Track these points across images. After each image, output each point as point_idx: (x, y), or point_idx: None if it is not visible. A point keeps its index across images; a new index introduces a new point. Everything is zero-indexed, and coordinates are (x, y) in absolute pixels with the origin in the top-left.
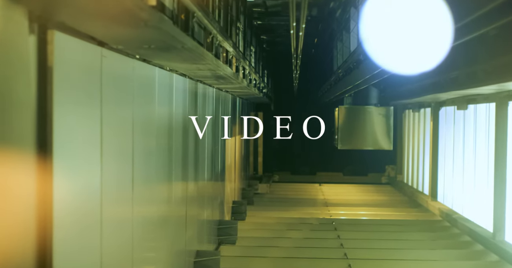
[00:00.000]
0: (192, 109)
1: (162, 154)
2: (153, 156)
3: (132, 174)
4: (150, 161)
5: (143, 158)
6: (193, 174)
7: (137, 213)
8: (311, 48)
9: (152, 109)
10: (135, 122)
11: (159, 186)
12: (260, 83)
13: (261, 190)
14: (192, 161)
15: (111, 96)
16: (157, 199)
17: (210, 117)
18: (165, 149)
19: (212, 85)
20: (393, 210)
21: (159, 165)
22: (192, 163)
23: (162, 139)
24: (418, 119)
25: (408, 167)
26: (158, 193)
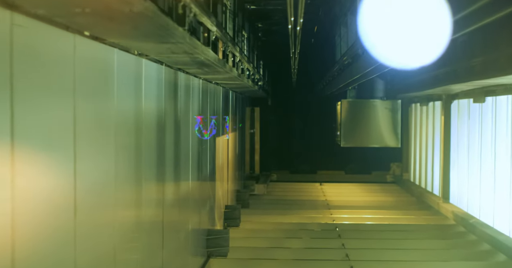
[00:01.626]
0: (170, 103)
1: (124, 154)
2: (107, 156)
3: (75, 179)
4: (104, 163)
5: (92, 160)
6: (171, 176)
7: (85, 225)
8: (310, 38)
9: (107, 102)
10: (77, 118)
11: (119, 191)
12: (255, 74)
13: (258, 191)
14: (170, 162)
15: (30, 82)
16: (118, 205)
17: (195, 112)
18: (130, 148)
19: (197, 76)
20: (401, 213)
21: (121, 167)
22: (171, 164)
23: (123, 138)
24: (426, 114)
25: (415, 165)
26: (118, 199)
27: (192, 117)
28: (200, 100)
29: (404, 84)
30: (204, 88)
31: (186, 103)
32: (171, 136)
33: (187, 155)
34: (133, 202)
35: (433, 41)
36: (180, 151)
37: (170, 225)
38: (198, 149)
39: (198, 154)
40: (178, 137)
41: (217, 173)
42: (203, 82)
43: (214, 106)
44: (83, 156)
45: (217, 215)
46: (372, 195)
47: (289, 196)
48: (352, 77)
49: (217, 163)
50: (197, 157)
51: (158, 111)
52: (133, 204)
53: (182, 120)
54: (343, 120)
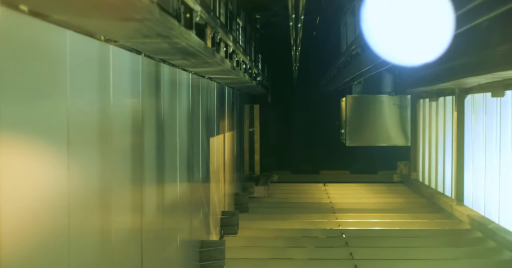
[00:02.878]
0: (150, 100)
1: (83, 160)
2: (57, 167)
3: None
4: (52, 175)
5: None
6: (152, 182)
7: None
8: (312, 30)
9: (55, 99)
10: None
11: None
12: (252, 68)
13: (258, 194)
14: (151, 166)
15: None
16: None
17: (184, 110)
18: (91, 153)
19: (185, 69)
20: (412, 216)
21: (79, 175)
22: (152, 169)
23: (81, 142)
24: (436, 109)
25: (424, 164)
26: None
27: (180, 116)
28: (190, 96)
29: (414, 78)
30: (195, 83)
31: (172, 100)
32: (152, 137)
33: (173, 158)
34: (97, 209)
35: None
36: (164, 154)
37: (151, 236)
38: (188, 152)
39: (188, 157)
40: (161, 139)
41: (211, 176)
42: (193, 76)
43: (208, 103)
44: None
45: (213, 222)
46: (379, 196)
47: (291, 198)
48: (360, 69)
49: (212, 165)
50: (186, 160)
51: (134, 109)
52: (96, 211)
53: (167, 120)
54: (348, 117)
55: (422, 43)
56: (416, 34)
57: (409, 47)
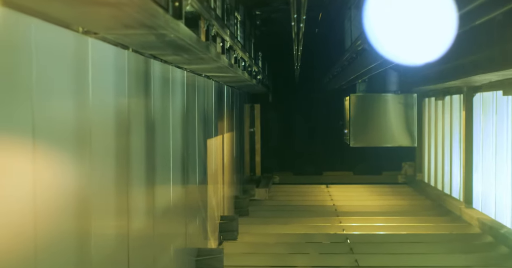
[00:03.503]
0: (138, 99)
1: (53, 159)
2: (21, 170)
3: None
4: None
5: None
6: (141, 186)
7: None
8: (314, 27)
9: (17, 97)
10: None
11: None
12: (252, 65)
13: (259, 196)
14: (139, 169)
15: None
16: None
17: (177, 110)
18: (64, 152)
19: (179, 66)
20: (419, 220)
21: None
22: (140, 172)
23: (55, 139)
24: (442, 108)
25: (430, 164)
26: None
27: (173, 116)
28: (185, 96)
29: (421, 76)
30: (190, 82)
31: (164, 99)
32: (140, 139)
33: (165, 160)
34: (70, 215)
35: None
36: (155, 156)
37: (140, 243)
38: (183, 154)
39: (183, 159)
40: (152, 140)
41: (209, 179)
42: (188, 74)
43: (205, 103)
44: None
45: (211, 228)
46: (383, 198)
47: (293, 200)
48: (366, 66)
49: (210, 168)
50: (181, 163)
51: (119, 109)
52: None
53: (158, 120)
54: (352, 117)
55: (428, 40)
56: (422, 31)
57: (414, 45)
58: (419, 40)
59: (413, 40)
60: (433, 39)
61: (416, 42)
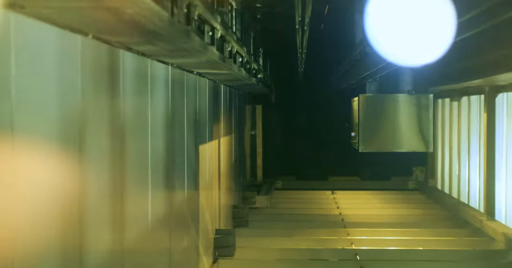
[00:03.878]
0: (99, 97)
1: None
2: None
3: None
4: None
5: None
6: (101, 202)
7: None
8: (319, 22)
9: None
10: None
11: None
12: (251, 62)
13: (259, 204)
14: (94, 180)
15: None
16: None
17: (160, 112)
18: None
19: (163, 60)
20: (435, 233)
21: None
22: (97, 183)
23: None
24: (458, 110)
25: (444, 170)
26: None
27: (153, 119)
28: (170, 95)
29: (438, 75)
30: (178, 79)
31: (140, 98)
32: (99, 145)
33: (141, 171)
34: None
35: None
36: (124, 165)
37: None
38: (167, 163)
39: (166, 169)
40: (119, 147)
41: (202, 190)
42: (175, 70)
43: (196, 104)
44: None
45: (204, 244)
46: (394, 206)
47: (296, 209)
48: (380, 63)
49: (202, 177)
50: (163, 174)
51: (65, 109)
52: None
53: (130, 124)
54: (362, 120)
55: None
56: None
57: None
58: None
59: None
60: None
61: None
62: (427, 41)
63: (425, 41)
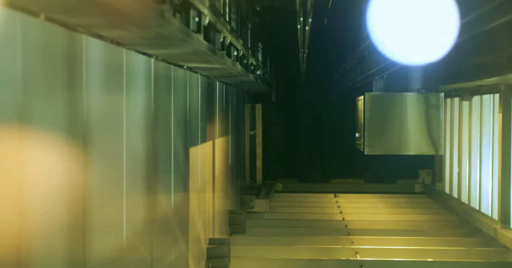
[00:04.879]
0: (50, 92)
1: None
2: None
3: None
4: None
5: None
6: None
7: None
8: (322, 17)
9: None
10: None
11: None
12: (249, 57)
13: (258, 208)
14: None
15: None
16: None
17: (140, 111)
18: None
19: (142, 51)
20: (445, 242)
21: None
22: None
23: None
24: (469, 110)
25: (452, 173)
26: None
27: (128, 118)
28: (153, 91)
29: (450, 72)
30: (163, 74)
31: (112, 94)
32: (42, 150)
33: (113, 176)
34: None
35: None
36: (88, 172)
37: None
38: (147, 168)
39: (147, 174)
40: (80, 151)
41: (193, 196)
42: (159, 63)
43: (186, 102)
44: None
45: (194, 255)
46: (400, 211)
47: (297, 213)
48: (388, 59)
49: (193, 182)
50: (143, 179)
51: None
52: None
53: (96, 124)
54: (368, 120)
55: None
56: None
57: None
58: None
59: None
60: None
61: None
62: (436, 35)
63: (434, 35)
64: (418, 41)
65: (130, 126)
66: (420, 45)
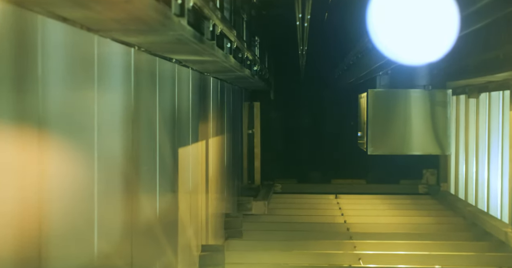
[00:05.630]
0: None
1: None
2: None
3: None
4: None
5: None
6: None
7: None
8: (323, 10)
9: None
10: None
11: None
12: (243, 50)
13: (256, 211)
14: None
15: None
16: None
17: (115, 107)
18: None
19: (125, 42)
20: (453, 246)
21: None
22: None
23: None
24: (476, 108)
25: (458, 173)
26: None
27: (100, 115)
28: (133, 85)
29: (459, 67)
30: (145, 66)
31: (79, 86)
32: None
33: (81, 179)
34: None
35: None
36: (53, 178)
37: None
38: (125, 170)
39: (125, 176)
40: (34, 152)
41: (182, 200)
42: (142, 55)
43: (175, 98)
44: None
45: (185, 264)
46: (404, 213)
47: (296, 216)
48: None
49: (183, 185)
50: (119, 183)
51: None
52: None
53: (57, 121)
54: (371, 118)
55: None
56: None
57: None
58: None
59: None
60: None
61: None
62: (440, 27)
63: (437, 28)
64: (420, 37)
65: (103, 123)
66: (422, 41)
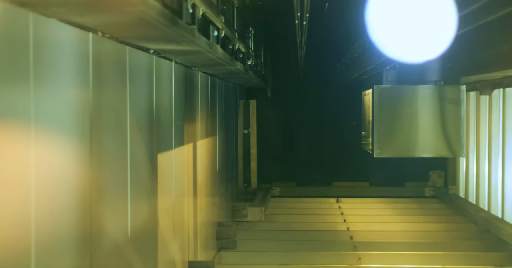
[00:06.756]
0: None
1: None
2: None
3: None
4: None
5: None
6: None
7: None
8: (323, 2)
9: None
10: None
11: None
12: (234, 41)
13: (252, 217)
14: None
15: None
16: None
17: (67, 105)
18: None
19: (85, 27)
20: (466, 258)
21: None
22: None
23: None
24: (489, 105)
25: (468, 175)
26: None
27: (39, 115)
28: (91, 79)
29: (475, 60)
30: (110, 57)
31: (12, 86)
32: None
33: (18, 193)
34: None
35: None
36: None
37: None
38: (79, 183)
39: (81, 190)
40: None
41: (163, 213)
42: (107, 42)
43: (152, 96)
44: None
45: None
46: (411, 219)
47: (295, 223)
48: None
49: (164, 196)
50: (71, 199)
51: None
52: None
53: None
54: (377, 117)
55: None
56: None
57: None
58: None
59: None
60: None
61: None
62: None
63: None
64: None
65: (41, 125)
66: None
